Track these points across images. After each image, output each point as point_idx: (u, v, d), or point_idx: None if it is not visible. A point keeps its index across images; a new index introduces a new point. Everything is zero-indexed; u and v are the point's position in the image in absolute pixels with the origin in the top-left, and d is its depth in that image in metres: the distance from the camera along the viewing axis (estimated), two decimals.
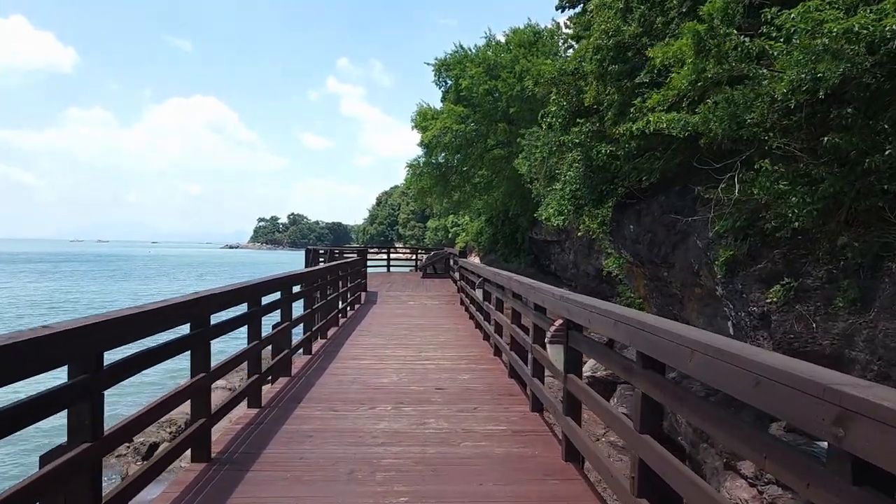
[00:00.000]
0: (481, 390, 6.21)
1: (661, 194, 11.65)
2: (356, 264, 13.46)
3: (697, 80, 6.27)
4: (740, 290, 7.24)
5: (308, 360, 7.64)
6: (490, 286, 8.81)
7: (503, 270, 8.07)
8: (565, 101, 11.89)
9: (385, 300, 14.57)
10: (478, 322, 10.35)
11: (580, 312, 3.73)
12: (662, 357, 2.54)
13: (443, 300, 14.78)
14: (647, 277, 12.66)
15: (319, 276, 8.83)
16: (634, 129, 7.70)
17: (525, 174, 21.58)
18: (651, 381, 2.71)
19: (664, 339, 2.47)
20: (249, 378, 5.36)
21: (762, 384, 1.70)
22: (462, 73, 29.23)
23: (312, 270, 8.29)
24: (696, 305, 10.73)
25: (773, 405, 1.67)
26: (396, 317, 11.94)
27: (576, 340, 4.05)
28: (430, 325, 10.99)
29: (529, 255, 30.74)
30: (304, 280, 7.79)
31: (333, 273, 10.19)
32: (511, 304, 6.61)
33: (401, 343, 8.94)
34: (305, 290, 7.84)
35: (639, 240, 12.19)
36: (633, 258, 12.57)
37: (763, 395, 1.71)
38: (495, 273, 7.84)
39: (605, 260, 19.18)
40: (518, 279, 6.36)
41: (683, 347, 2.29)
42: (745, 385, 1.79)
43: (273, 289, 6.09)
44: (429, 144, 29.66)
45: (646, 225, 12.01)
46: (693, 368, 2.21)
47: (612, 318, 3.11)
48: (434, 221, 68.71)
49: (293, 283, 7.10)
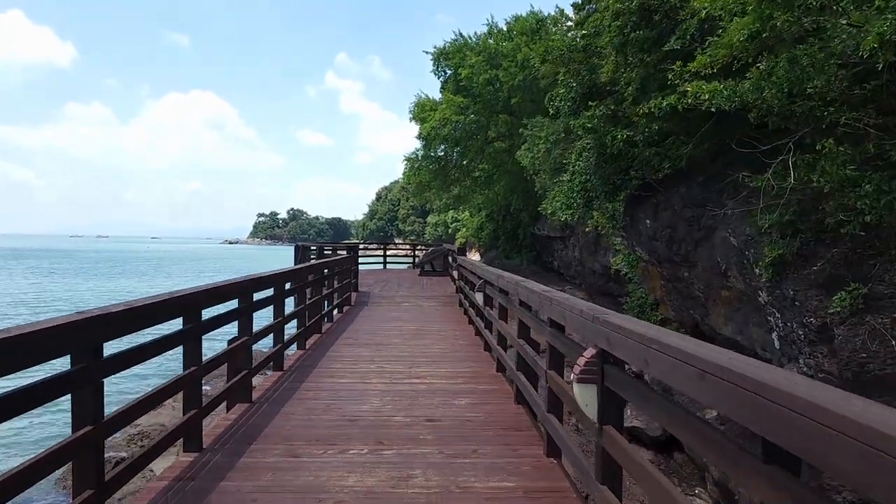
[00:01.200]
0: (482, 422, 5.00)
1: (681, 185, 10.42)
2: (345, 262, 12.26)
3: (759, 32, 5.00)
4: (792, 296, 6.03)
5: (278, 378, 6.45)
6: (492, 290, 7.61)
7: (506, 272, 6.86)
8: (575, 83, 10.65)
9: (377, 302, 13.37)
10: (478, 329, 9.16)
11: (632, 347, 2.51)
12: (822, 464, 1.33)
13: (440, 301, 13.57)
14: (665, 277, 11.45)
15: (295, 277, 7.62)
16: (665, 105, 6.47)
17: (528, 167, 20.33)
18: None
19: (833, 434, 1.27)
20: (186, 414, 4.17)
21: None
22: (462, 61, 27.92)
23: (286, 272, 7.08)
24: (724, 310, 9.52)
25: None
26: (388, 321, 10.74)
27: (616, 381, 2.85)
28: (425, 331, 9.79)
29: (531, 252, 29.53)
30: (276, 283, 6.59)
31: (316, 272, 8.99)
32: (518, 315, 5.41)
33: (390, 355, 7.74)
34: (277, 295, 6.65)
35: (656, 236, 10.97)
36: (649, 256, 11.36)
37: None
38: (498, 275, 6.63)
39: (614, 258, 18.01)
40: (527, 285, 5.15)
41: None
42: None
43: (226, 296, 4.89)
44: (427, 137, 28.37)
45: (664, 220, 10.78)
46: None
47: (698, 365, 1.89)
48: (434, 217, 67.57)
49: (258, 287, 5.90)
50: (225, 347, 5.21)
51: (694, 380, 1.91)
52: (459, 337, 9.31)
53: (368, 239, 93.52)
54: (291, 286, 7.51)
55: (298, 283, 7.83)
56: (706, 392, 1.87)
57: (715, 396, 1.81)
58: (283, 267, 7.95)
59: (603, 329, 2.84)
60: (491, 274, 7.41)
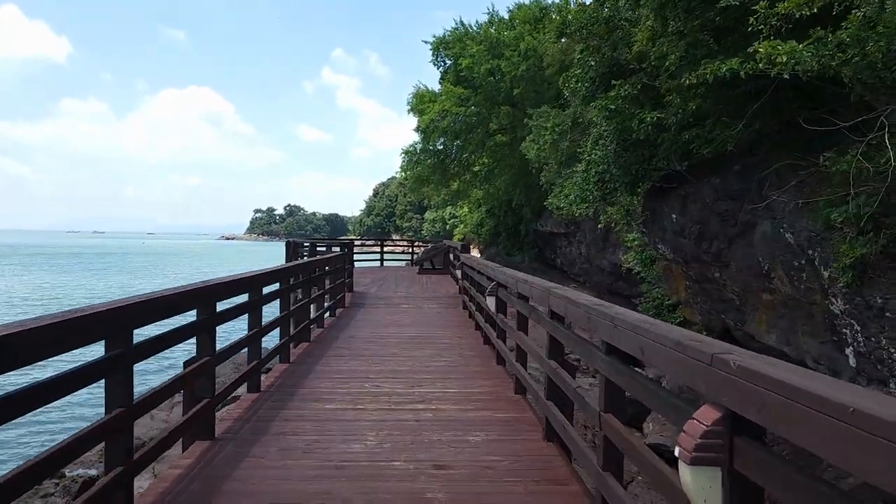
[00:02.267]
0: (507, 471, 3.86)
1: (714, 175, 9.29)
2: (338, 260, 11.11)
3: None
4: (881, 305, 4.92)
5: (252, 402, 5.30)
6: (506, 294, 6.48)
7: (531, 276, 5.71)
8: (594, 61, 9.49)
9: (374, 303, 12.23)
10: (487, 336, 8.03)
11: (804, 417, 1.39)
12: None
13: (442, 303, 12.42)
14: (691, 278, 10.33)
15: (277, 279, 6.46)
16: (725, 71, 5.29)
17: (533, 159, 19.19)
18: None
19: None
20: (109, 472, 3.02)
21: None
22: (462, 51, 26.71)
23: (264, 273, 5.92)
24: (766, 316, 8.40)
25: None
26: (385, 327, 9.60)
27: (757, 463, 1.73)
28: (428, 338, 8.65)
29: (533, 249, 28.40)
30: (251, 287, 5.45)
31: (305, 272, 7.85)
32: (549, 329, 4.28)
33: (387, 370, 6.60)
34: (253, 302, 5.50)
35: (683, 232, 9.84)
36: (673, 254, 10.23)
37: None
38: (519, 279, 5.47)
39: (625, 255, 16.91)
40: (563, 293, 4.01)
41: None
42: None
43: (171, 309, 3.73)
44: (426, 129, 27.17)
45: (693, 214, 9.64)
46: None
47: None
48: (431, 213, 66.45)
49: (225, 293, 4.75)
50: (179, 372, 4.06)
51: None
52: (466, 346, 8.17)
53: (365, 235, 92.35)
54: (276, 289, 6.37)
55: (283, 286, 6.68)
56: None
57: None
58: (265, 267, 6.80)
59: (742, 383, 1.71)
60: (506, 276, 6.26)
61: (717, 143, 6.96)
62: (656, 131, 8.28)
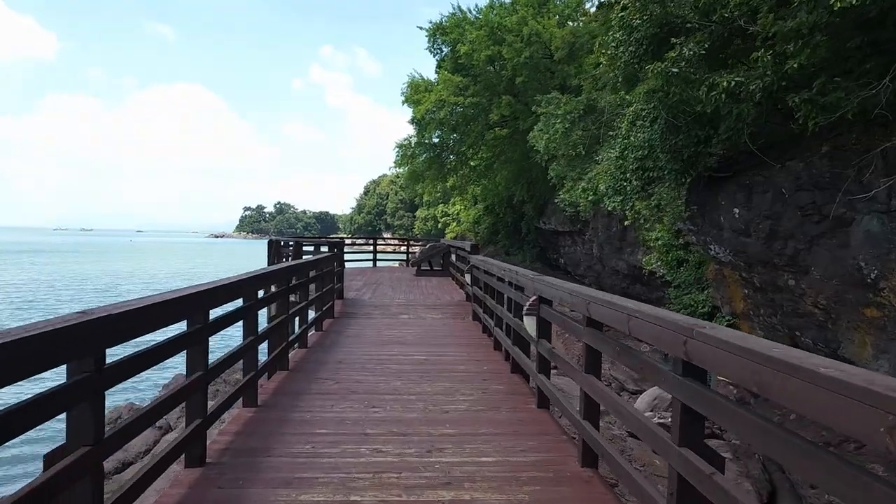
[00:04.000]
0: None
1: (792, 159, 7.49)
2: (326, 263, 9.20)
3: None
4: None
5: (191, 486, 3.43)
6: (550, 314, 4.65)
7: (607, 295, 3.85)
8: (640, 19, 7.64)
9: (368, 313, 10.32)
10: (515, 361, 6.20)
11: None
12: None
13: (448, 312, 10.53)
14: (753, 285, 8.53)
15: (235, 294, 4.55)
16: None
17: (541, 151, 17.36)
18: None
19: None
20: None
21: None
22: (461, 37, 24.74)
23: (212, 288, 3.99)
24: (870, 336, 6.58)
25: None
26: (383, 345, 7.71)
27: None
28: (438, 363, 6.78)
29: (534, 248, 26.61)
30: (192, 307, 3.56)
31: (280, 282, 5.96)
32: (678, 395, 2.44)
33: (391, 419, 4.73)
34: (193, 333, 3.62)
35: (748, 229, 8.01)
36: (732, 256, 8.42)
37: None
38: (586, 297, 3.60)
39: (646, 256, 15.15)
40: (714, 332, 2.16)
41: None
42: None
43: None
44: (421, 121, 25.21)
45: (762, 207, 7.81)
46: None
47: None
48: (423, 211, 64.51)
49: (153, 321, 2.88)
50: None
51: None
52: (490, 374, 6.30)
53: (357, 234, 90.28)
54: (239, 305, 4.48)
55: (248, 303, 4.78)
56: None
57: None
58: (223, 278, 4.86)
59: None
60: (554, 290, 4.40)
61: (844, 107, 5.11)
62: (729, 102, 6.46)
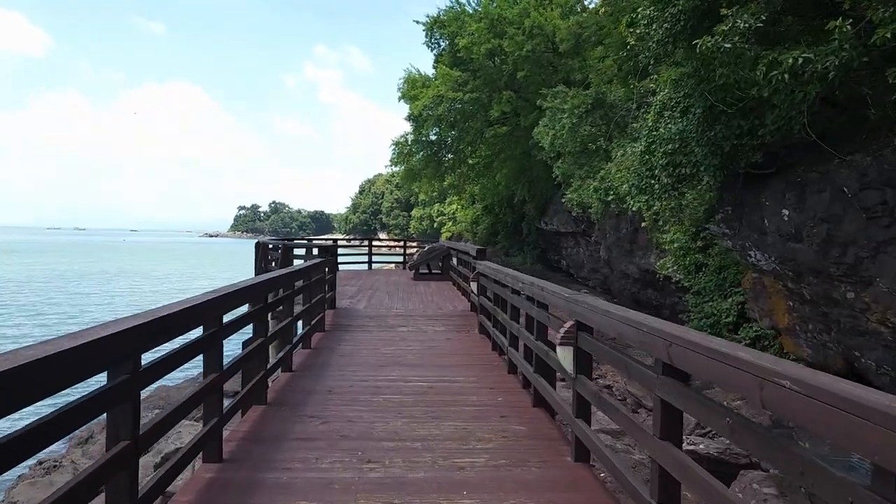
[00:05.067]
0: None
1: (856, 152, 6.46)
2: (315, 271, 8.11)
3: None
4: None
5: None
6: (594, 345, 3.61)
7: (686, 330, 2.81)
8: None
9: (363, 325, 9.22)
10: (536, 391, 5.15)
11: None
12: None
13: (451, 324, 9.43)
14: (801, 297, 7.49)
15: (193, 321, 3.46)
16: None
17: (546, 147, 16.33)
18: None
19: None
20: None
21: None
22: (460, 30, 23.63)
23: (162, 316, 2.92)
24: None
25: None
26: (380, 368, 6.63)
27: None
28: (445, 391, 5.70)
29: (535, 249, 25.58)
30: (131, 345, 2.49)
31: (254, 299, 4.89)
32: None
33: (388, 480, 3.60)
34: (119, 388, 2.55)
35: (799, 233, 6.97)
36: (778, 264, 7.39)
37: None
38: (688, 342, 2.52)
39: (660, 260, 14.12)
40: None
41: None
42: None
43: None
44: (419, 117, 24.10)
45: (817, 208, 6.77)
46: None
47: None
48: (419, 210, 63.43)
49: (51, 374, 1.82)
50: None
51: None
52: (507, 407, 5.22)
53: (352, 233, 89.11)
54: (203, 332, 3.42)
55: (207, 332, 3.70)
56: None
57: None
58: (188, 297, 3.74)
59: None
60: (611, 318, 3.35)
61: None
62: (792, 83, 5.41)
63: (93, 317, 23.68)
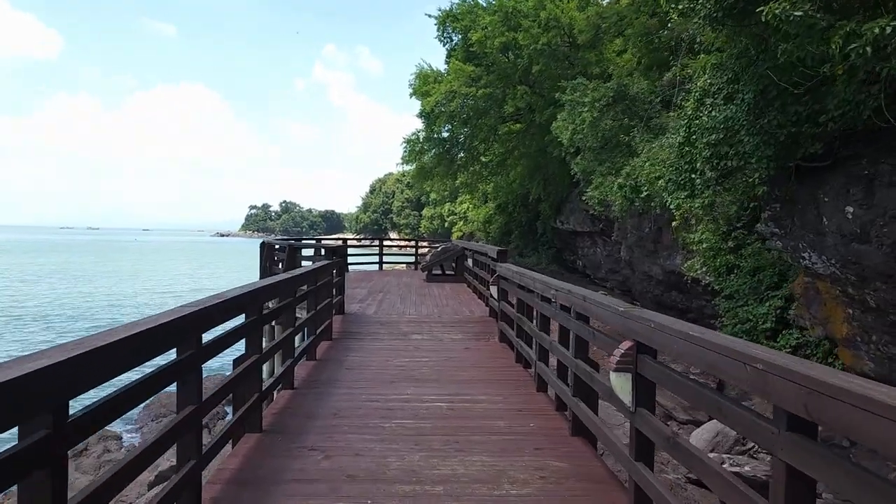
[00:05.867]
0: None
1: None
2: (322, 274, 7.37)
3: None
4: None
5: None
6: (680, 378, 2.84)
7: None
8: None
9: (373, 332, 8.48)
10: (576, 418, 4.39)
11: None
12: None
13: (469, 331, 8.67)
14: (864, 305, 6.67)
15: (166, 342, 2.75)
16: None
17: (566, 143, 15.51)
18: None
19: None
20: None
21: None
22: (473, 23, 22.84)
23: (125, 337, 2.23)
24: None
25: None
26: (391, 385, 5.89)
27: None
28: (465, 414, 4.97)
29: (551, 249, 24.74)
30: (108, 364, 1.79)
31: (249, 309, 4.17)
32: None
33: None
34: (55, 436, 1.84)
35: (865, 233, 6.16)
36: (839, 268, 6.57)
37: None
38: (834, 387, 1.77)
39: (687, 261, 13.28)
40: None
41: None
42: None
43: None
44: (430, 114, 23.33)
45: (889, 205, 5.99)
46: None
47: None
48: (430, 209, 62.64)
49: None
50: None
51: None
52: (542, 437, 4.47)
53: (362, 232, 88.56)
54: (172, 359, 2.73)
55: (182, 355, 2.98)
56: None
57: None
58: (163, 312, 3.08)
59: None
60: (697, 345, 2.58)
61: None
62: (873, 59, 4.60)
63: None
